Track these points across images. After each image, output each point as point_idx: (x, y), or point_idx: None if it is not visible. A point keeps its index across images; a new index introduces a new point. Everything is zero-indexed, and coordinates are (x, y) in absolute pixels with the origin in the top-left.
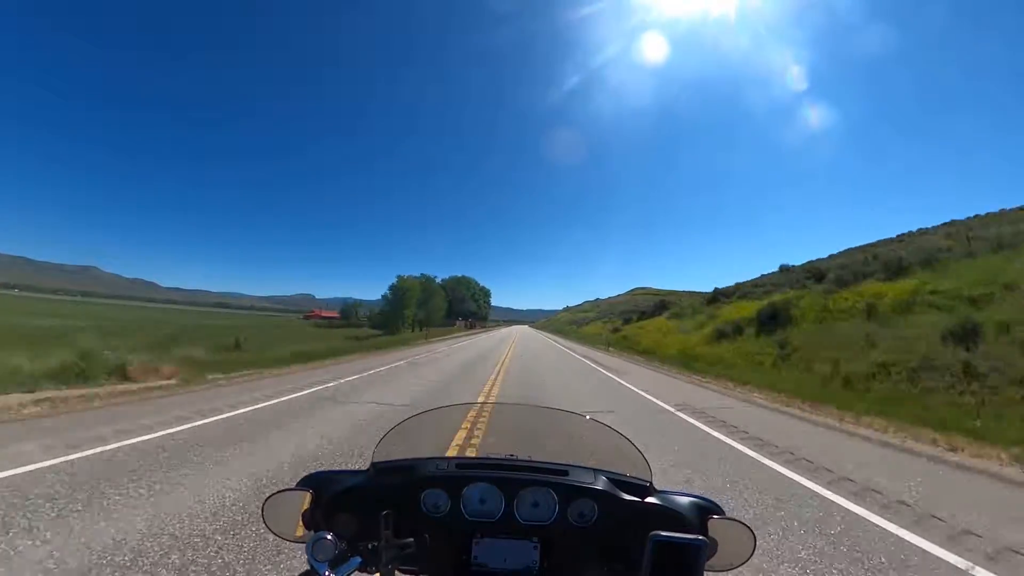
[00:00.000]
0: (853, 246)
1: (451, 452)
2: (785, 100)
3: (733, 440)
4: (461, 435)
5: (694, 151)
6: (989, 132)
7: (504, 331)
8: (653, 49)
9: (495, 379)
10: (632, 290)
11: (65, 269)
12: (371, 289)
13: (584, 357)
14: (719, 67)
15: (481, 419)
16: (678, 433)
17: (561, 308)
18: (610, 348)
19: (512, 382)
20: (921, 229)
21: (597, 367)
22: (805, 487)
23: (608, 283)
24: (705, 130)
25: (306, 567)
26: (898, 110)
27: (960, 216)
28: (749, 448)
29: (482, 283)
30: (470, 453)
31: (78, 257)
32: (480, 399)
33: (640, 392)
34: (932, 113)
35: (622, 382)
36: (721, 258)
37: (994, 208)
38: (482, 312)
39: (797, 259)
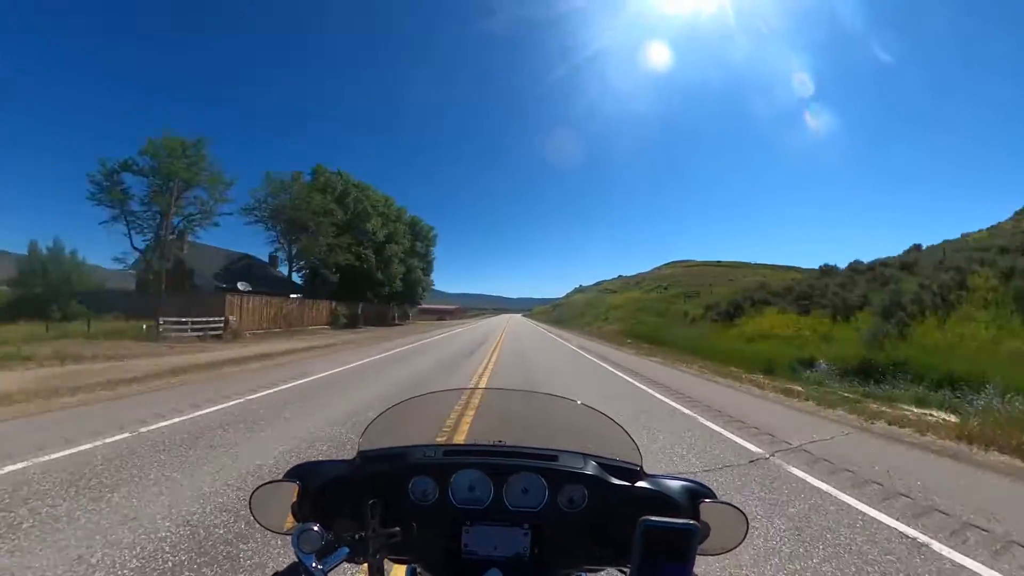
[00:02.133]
0: None
1: (440, 439)
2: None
3: None
4: (450, 421)
5: (698, 139)
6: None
7: (466, 334)
8: (655, 45)
9: None
10: (671, 263)
11: None
12: None
13: None
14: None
15: (470, 405)
16: None
17: (565, 293)
18: None
19: None
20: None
21: None
22: None
23: (618, 263)
24: (710, 125)
25: (293, 559)
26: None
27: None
28: None
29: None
30: (459, 439)
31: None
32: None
33: None
34: (934, 115)
35: None
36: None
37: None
38: (397, 282)
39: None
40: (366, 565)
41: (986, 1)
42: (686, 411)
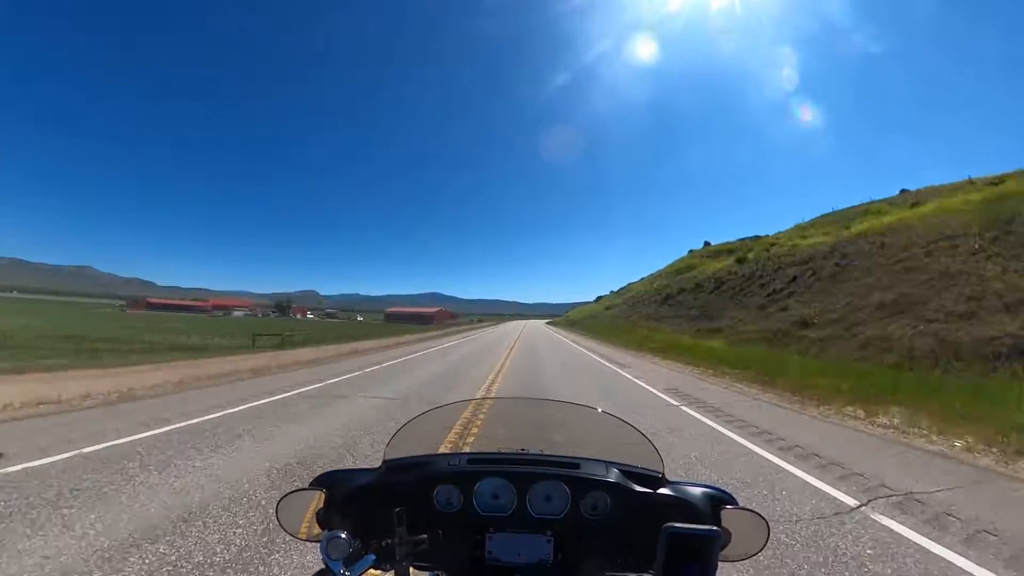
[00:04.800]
0: None
1: (462, 446)
2: None
3: None
4: (472, 430)
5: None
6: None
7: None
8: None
9: None
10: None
11: (59, 270)
12: (375, 285)
13: None
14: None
15: (493, 413)
16: None
17: (604, 294)
18: None
19: None
20: None
21: None
22: None
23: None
24: (703, 122)
25: (321, 566)
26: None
27: None
28: None
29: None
30: (471, 439)
31: (73, 258)
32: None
33: None
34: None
35: None
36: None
37: None
38: None
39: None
40: (392, 572)
41: None
42: None
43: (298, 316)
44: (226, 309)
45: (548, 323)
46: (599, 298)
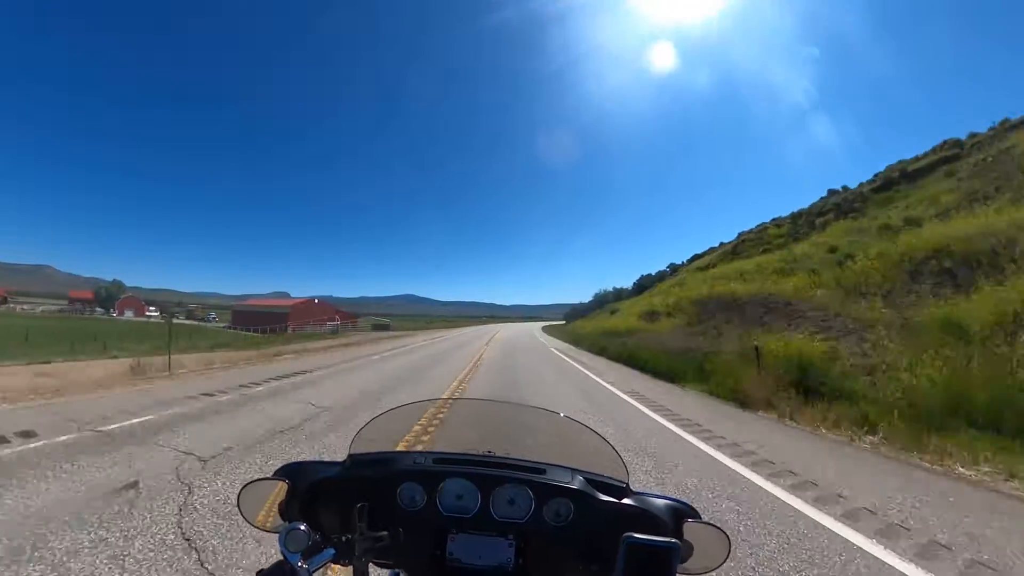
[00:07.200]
0: None
1: (429, 444)
2: None
3: None
4: (438, 430)
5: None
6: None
7: None
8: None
9: None
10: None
11: (16, 268)
12: (347, 287)
13: None
14: None
15: (461, 414)
16: None
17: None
18: None
19: None
20: None
21: None
22: None
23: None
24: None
25: (279, 558)
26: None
27: None
28: None
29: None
30: (439, 438)
31: (32, 256)
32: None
33: None
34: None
35: None
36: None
37: None
38: None
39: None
40: (351, 567)
41: None
42: None
43: (128, 314)
44: (31, 303)
45: (546, 328)
46: (639, 285)
